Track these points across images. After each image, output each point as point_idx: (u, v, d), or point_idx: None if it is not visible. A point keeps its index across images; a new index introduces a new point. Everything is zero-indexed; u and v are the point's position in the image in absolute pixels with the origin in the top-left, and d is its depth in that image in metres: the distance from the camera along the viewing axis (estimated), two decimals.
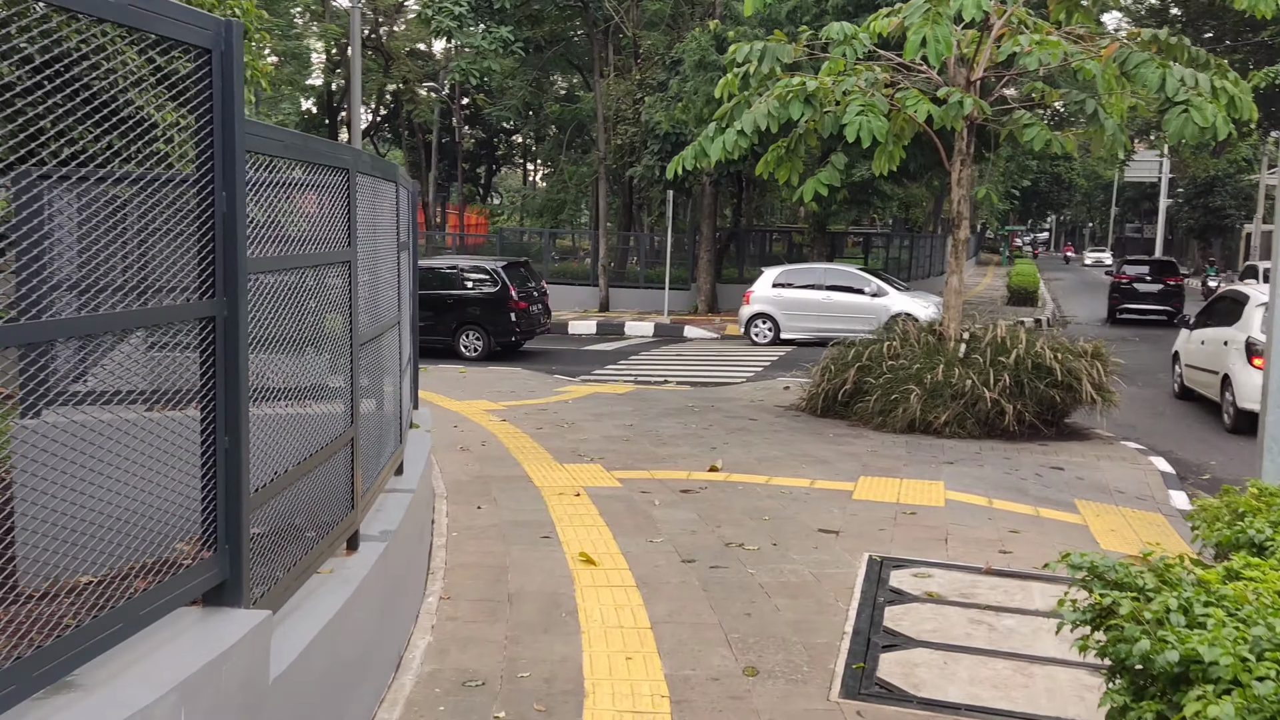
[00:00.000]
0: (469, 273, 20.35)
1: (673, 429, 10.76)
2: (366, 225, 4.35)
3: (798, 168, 12.78)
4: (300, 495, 3.40)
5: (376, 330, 4.52)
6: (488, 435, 10.20)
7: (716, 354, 20.07)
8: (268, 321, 3.08)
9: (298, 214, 3.47)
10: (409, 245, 6.23)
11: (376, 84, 45.61)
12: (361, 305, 4.13)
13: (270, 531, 3.14)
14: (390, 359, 4.94)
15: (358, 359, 3.93)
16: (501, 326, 19.35)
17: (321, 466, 3.57)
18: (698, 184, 28.17)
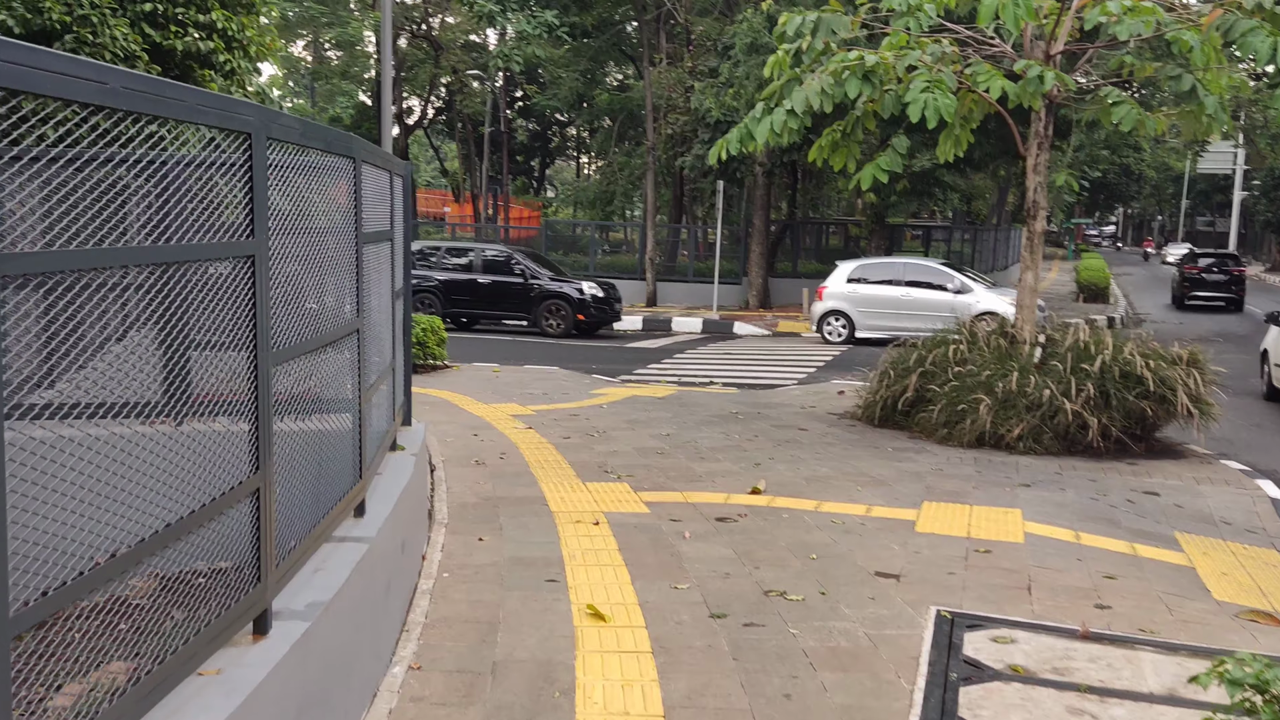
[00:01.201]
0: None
1: (713, 440, 9.74)
2: (297, 211, 3.40)
3: (854, 153, 11.69)
4: (156, 574, 2.45)
5: (315, 340, 3.58)
6: (508, 446, 9.26)
7: (767, 353, 18.98)
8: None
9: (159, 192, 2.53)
10: (394, 236, 5.29)
11: (427, 75, 45.01)
12: (282, 310, 3.18)
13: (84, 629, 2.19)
14: (341, 376, 3.99)
15: (268, 381, 2.98)
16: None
17: (198, 532, 2.63)
18: (750, 174, 27.06)
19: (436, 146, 61.60)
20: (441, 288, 21.86)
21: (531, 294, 21.54)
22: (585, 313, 21.41)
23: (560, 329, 21.29)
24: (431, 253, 22.59)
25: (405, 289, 6.00)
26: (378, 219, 4.89)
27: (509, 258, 22.14)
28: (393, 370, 5.30)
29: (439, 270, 22.08)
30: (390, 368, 5.24)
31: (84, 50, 8.32)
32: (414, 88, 48.99)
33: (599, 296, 21.65)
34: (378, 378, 4.75)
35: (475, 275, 21.91)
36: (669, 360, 17.80)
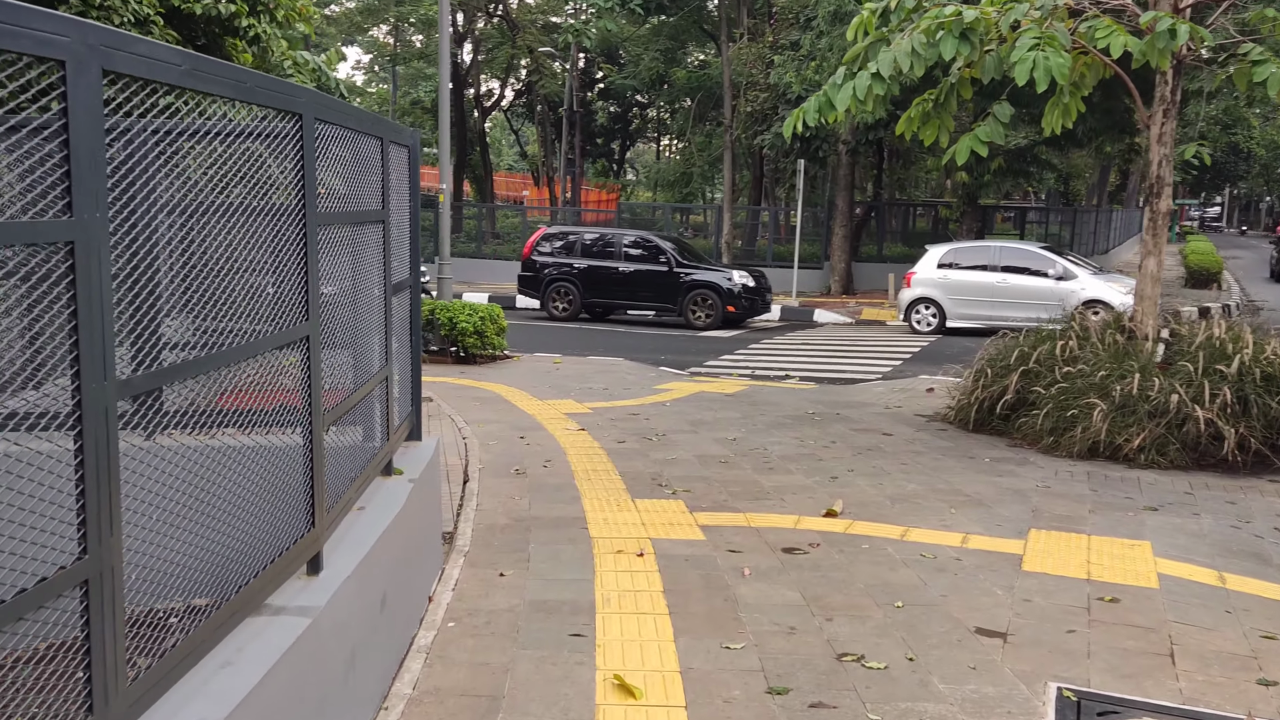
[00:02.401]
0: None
1: (785, 446, 8.68)
2: (180, 182, 2.49)
3: (947, 125, 10.46)
4: None
5: (218, 359, 2.66)
6: (555, 451, 8.34)
7: (849, 343, 17.77)
8: None
9: None
10: (389, 218, 4.37)
11: (505, 56, 44.36)
12: (143, 314, 2.26)
13: None
14: (274, 397, 3.07)
15: (101, 422, 2.06)
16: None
17: None
18: (833, 153, 25.72)
19: (516, 130, 61.13)
20: (580, 276, 20.85)
21: (678, 283, 20.17)
22: (735, 304, 19.91)
23: (708, 321, 19.91)
24: (569, 238, 21.55)
25: (414, 281, 5.08)
26: (359, 196, 3.96)
27: (653, 244, 20.80)
28: (387, 380, 4.38)
29: (577, 257, 21.04)
30: (383, 377, 4.33)
31: (92, 14, 7.59)
32: (494, 70, 48.45)
33: (749, 286, 20.13)
34: (355, 394, 3.83)
35: (617, 263, 20.72)
36: (742, 351, 16.72)
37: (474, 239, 32.90)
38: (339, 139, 3.61)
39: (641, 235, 21.68)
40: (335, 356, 3.69)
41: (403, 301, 4.95)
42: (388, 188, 4.33)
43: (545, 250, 21.42)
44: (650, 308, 20.77)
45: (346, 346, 3.86)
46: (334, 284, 3.61)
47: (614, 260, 20.81)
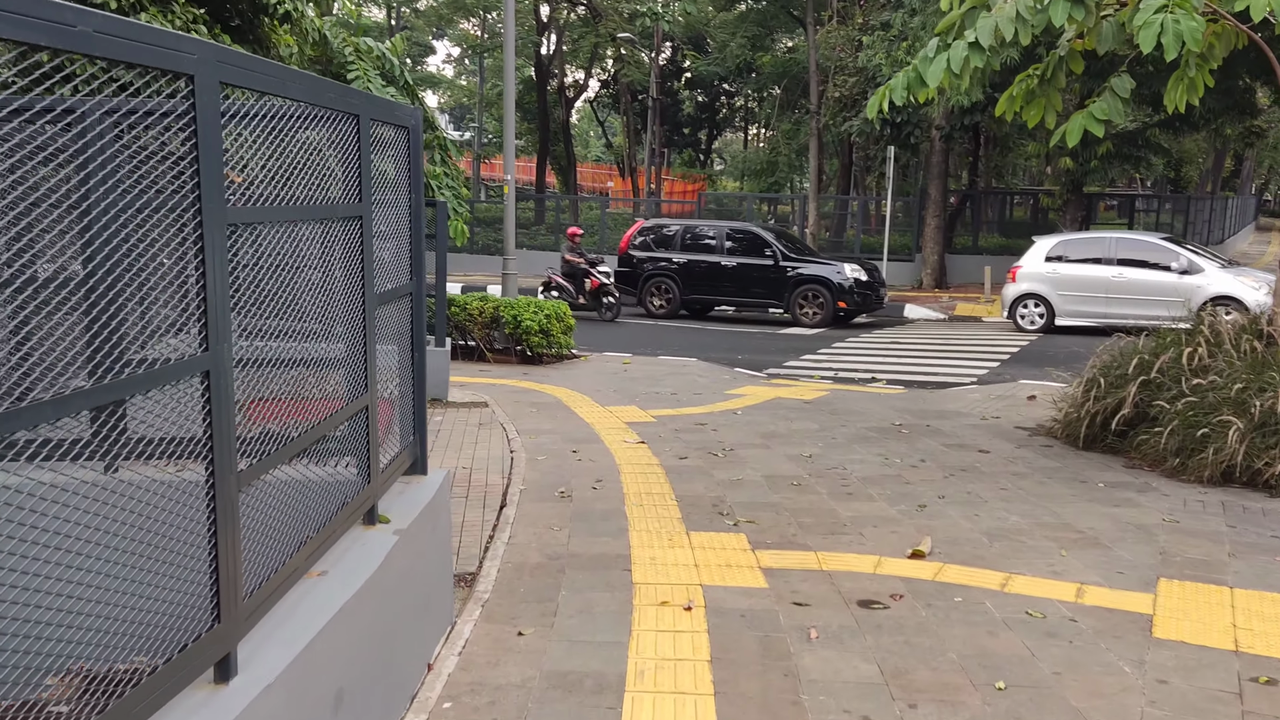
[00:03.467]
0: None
1: (866, 466, 7.73)
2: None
3: (1055, 104, 9.33)
4: None
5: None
6: (609, 469, 7.52)
7: (941, 342, 16.59)
8: None
9: None
10: (366, 215, 3.59)
11: (589, 45, 43.73)
12: None
13: None
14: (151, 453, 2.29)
15: None
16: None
17: None
18: (925, 139, 24.41)
19: (602, 120, 60.54)
20: (680, 271, 19.87)
21: (784, 278, 19.02)
22: (847, 299, 18.75)
23: (817, 318, 18.80)
24: (669, 231, 20.55)
25: (416, 288, 4.30)
26: (318, 190, 3.18)
27: (758, 237, 19.73)
28: (368, 411, 3.61)
29: (676, 251, 20.06)
30: (360, 408, 3.55)
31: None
32: (579, 60, 47.87)
33: (862, 280, 18.94)
34: (308, 434, 3.05)
35: (719, 257, 19.67)
36: (825, 350, 15.69)
37: (553, 231, 32.26)
38: (278, 115, 2.83)
39: (745, 227, 20.51)
40: (277, 388, 2.92)
41: (398, 313, 4.17)
42: (367, 177, 3.54)
43: (642, 244, 20.47)
44: (754, 304, 19.68)
45: (296, 377, 3.09)
46: (272, 297, 2.84)
47: (715, 254, 19.73)
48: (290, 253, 2.94)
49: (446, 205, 10.58)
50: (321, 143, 3.23)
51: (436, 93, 62.36)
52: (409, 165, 4.17)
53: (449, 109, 64.55)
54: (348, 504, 3.45)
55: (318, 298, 3.25)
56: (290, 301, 2.94)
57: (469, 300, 13.60)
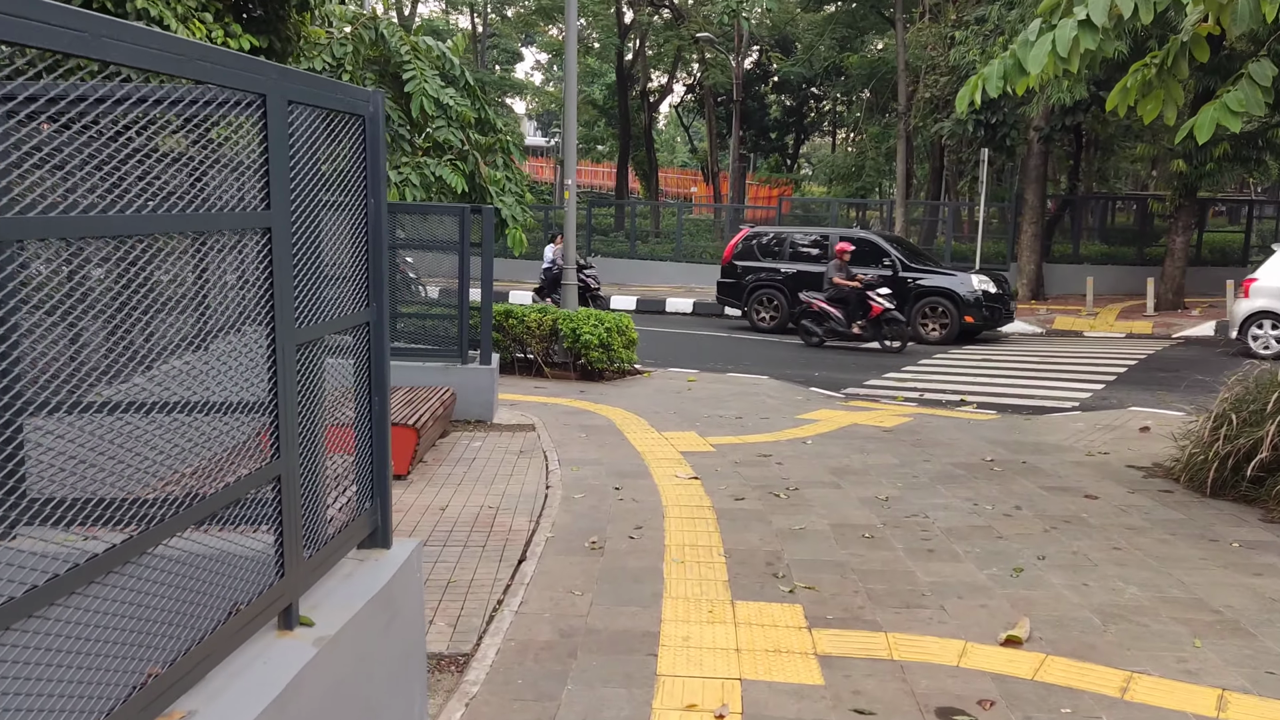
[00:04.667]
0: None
1: (952, 514, 6.67)
2: None
3: (1175, 96, 8.13)
4: None
5: None
6: (652, 511, 6.60)
7: (1038, 359, 15.28)
8: None
9: None
10: (277, 225, 2.73)
11: (672, 48, 42.89)
12: None
13: None
14: None
15: None
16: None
17: None
18: (1022, 141, 22.95)
19: (687, 125, 59.69)
20: (788, 283, 18.55)
21: (904, 290, 17.48)
22: (974, 313, 17.23)
23: (941, 334, 17.32)
24: (776, 240, 19.31)
25: (377, 318, 3.43)
26: (180, 187, 2.34)
27: (875, 245, 18.21)
28: (280, 483, 2.74)
29: (784, 261, 18.82)
30: (270, 478, 2.69)
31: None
32: (663, 65, 47.07)
33: (990, 292, 17.45)
34: (148, 536, 2.19)
35: None
36: (910, 367, 14.52)
37: (630, 238, 31.49)
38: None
39: (860, 234, 19.09)
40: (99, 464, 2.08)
41: (350, 349, 3.32)
42: (280, 175, 2.69)
43: (747, 253, 19.22)
44: None
45: (134, 448, 2.24)
46: (87, 332, 1.99)
47: (827, 263, 18.07)
48: (117, 277, 2.09)
49: (493, 212, 9.78)
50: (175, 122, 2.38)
51: (524, 98, 62.27)
52: (364, 160, 3.32)
53: (537, 115, 64.45)
54: (241, 610, 2.59)
55: (184, 337, 2.40)
56: (121, 337, 2.09)
57: (527, 312, 12.83)
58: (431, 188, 12.58)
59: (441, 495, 6.91)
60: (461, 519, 6.34)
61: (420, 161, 12.60)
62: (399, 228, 9.68)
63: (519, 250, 13.60)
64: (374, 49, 13.36)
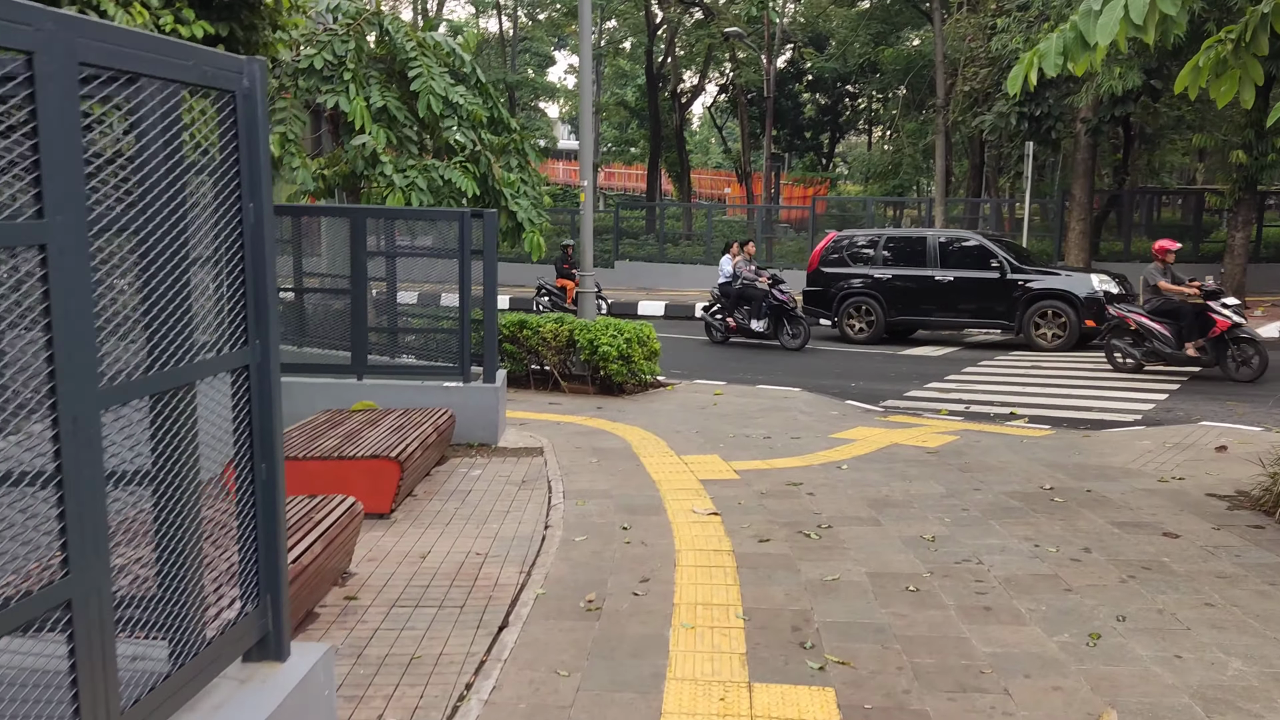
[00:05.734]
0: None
1: (1010, 558, 5.75)
2: None
3: (1255, 75, 7.19)
4: None
5: None
6: (664, 558, 5.75)
7: (1092, 363, 14.23)
8: None
9: None
10: (53, 238, 1.91)
11: (703, 47, 41.98)
12: None
13: None
14: None
15: None
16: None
17: None
18: (1069, 135, 21.86)
19: (720, 126, 58.79)
20: (883, 289, 17.32)
21: (1015, 293, 16.25)
22: (1097, 317, 15.61)
23: (1058, 341, 15.95)
24: (868, 243, 18.03)
25: (260, 359, 2.61)
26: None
27: (980, 246, 16.92)
28: (163, 582, 1.93)
29: (877, 266, 17.51)
30: (62, 603, 1.88)
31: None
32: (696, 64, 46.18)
33: (1113, 294, 15.97)
34: None
35: (930, 271, 17.01)
36: (954, 376, 13.55)
37: (659, 240, 30.64)
38: None
39: (964, 235, 17.91)
40: None
41: (212, 402, 2.50)
42: (64, 171, 1.87)
43: (837, 259, 17.88)
44: (977, 325, 17.02)
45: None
46: None
47: (926, 267, 17.07)
48: None
49: (496, 216, 8.98)
50: None
51: (556, 102, 61.68)
52: (236, 153, 2.50)
53: (570, 118, 63.85)
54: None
55: None
56: None
57: (542, 323, 12.03)
58: (441, 192, 11.82)
59: (425, 539, 6.10)
60: (442, 570, 5.52)
61: (428, 164, 11.83)
62: (380, 235, 8.91)
63: (537, 255, 12.83)
64: (380, 46, 12.65)
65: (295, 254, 9.79)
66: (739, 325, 16.79)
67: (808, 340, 16.39)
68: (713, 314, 17.39)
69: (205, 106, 2.39)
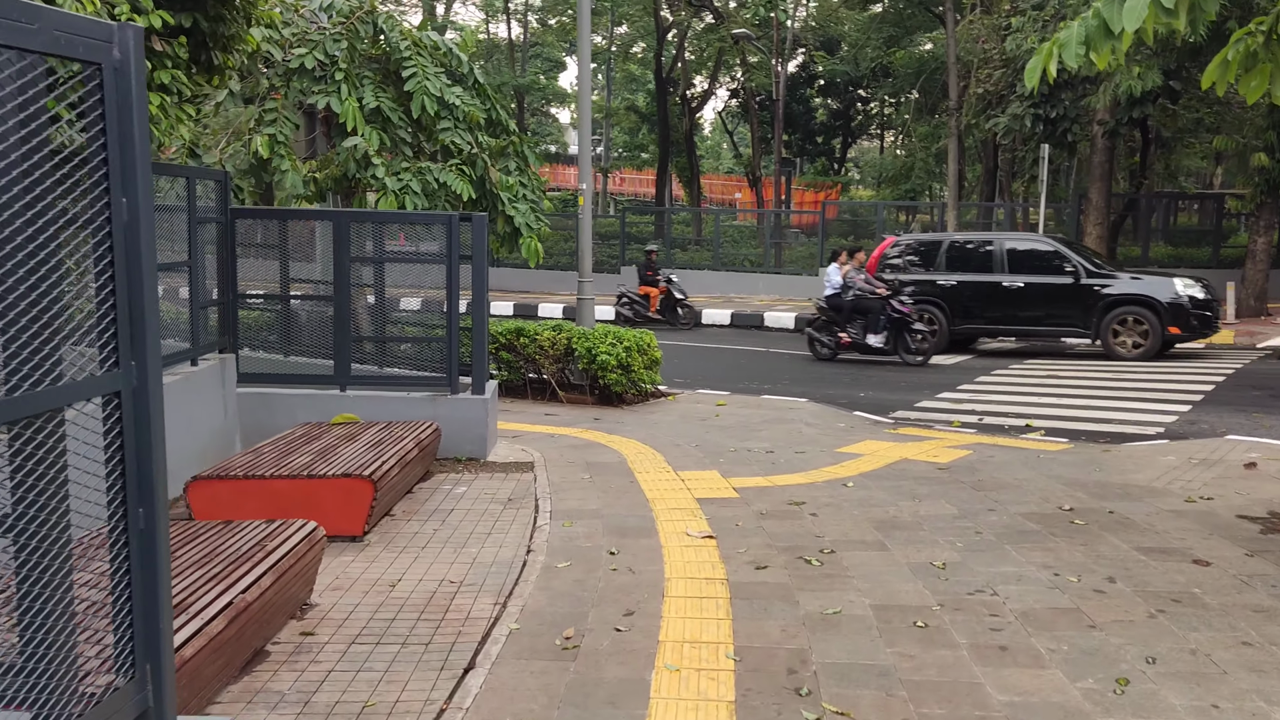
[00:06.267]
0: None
1: (1027, 588, 5.30)
2: None
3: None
4: None
5: None
6: (651, 587, 5.33)
7: (1110, 373, 13.75)
8: None
9: None
10: None
11: (713, 50, 41.56)
12: None
13: None
14: None
15: None
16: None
17: None
18: (1085, 138, 21.36)
19: (731, 131, 58.39)
20: (947, 296, 16.36)
21: (1093, 298, 15.37)
22: (1181, 324, 14.90)
23: (1139, 349, 15.07)
24: (929, 248, 17.11)
25: (134, 381, 2.19)
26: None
27: (1051, 251, 16.01)
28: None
29: (942, 271, 16.57)
30: None
31: None
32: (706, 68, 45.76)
33: (1198, 299, 15.11)
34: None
35: (998, 276, 16.07)
36: (968, 385, 13.09)
37: (666, 245, 30.23)
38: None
39: (1033, 238, 17.02)
40: None
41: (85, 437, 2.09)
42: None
43: (898, 264, 16.94)
44: (1049, 333, 16.23)
45: None
46: None
47: (994, 272, 16.14)
48: None
49: (484, 220, 8.59)
50: None
51: (568, 107, 61.27)
52: (104, 137, 2.09)
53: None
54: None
55: None
56: None
57: (540, 331, 11.63)
58: (436, 195, 11.43)
59: (398, 564, 5.69)
60: (411, 601, 5.11)
61: (422, 167, 11.44)
62: (365, 240, 8.51)
63: (534, 261, 12.45)
64: (374, 46, 12.28)
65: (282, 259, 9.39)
66: (853, 340, 15.38)
67: (933, 354, 15.24)
68: (818, 328, 15.96)
69: (68, 82, 1.99)
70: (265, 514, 5.95)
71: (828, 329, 15.84)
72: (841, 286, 15.70)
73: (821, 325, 15.99)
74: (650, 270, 21.32)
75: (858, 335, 15.38)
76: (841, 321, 15.61)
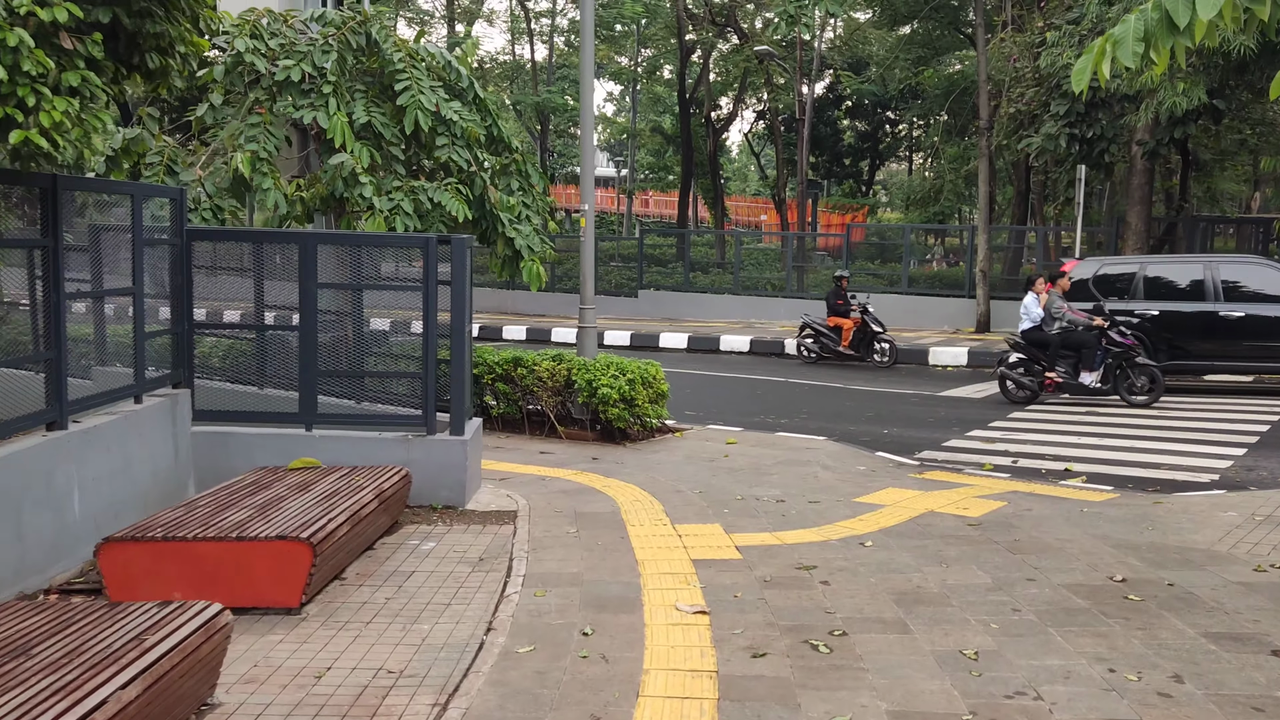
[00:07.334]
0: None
1: (1075, 689, 4.39)
2: None
3: None
4: None
5: None
6: (626, 682, 4.47)
7: (1156, 411, 12.75)
8: None
9: None
10: None
11: (739, 69, 40.87)
12: None
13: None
14: None
15: None
16: None
17: None
18: (1123, 159, 20.38)
19: (758, 153, 57.68)
20: (1150, 328, 14.40)
21: None
22: None
23: None
24: (1125, 274, 15.15)
25: None
26: None
27: (1273, 275, 14.29)
28: None
29: (1140, 299, 14.68)
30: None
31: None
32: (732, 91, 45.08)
33: None
34: None
35: (1213, 305, 14.24)
36: (1000, 422, 12.14)
37: (685, 268, 29.43)
38: None
39: (1253, 263, 15.13)
40: None
41: None
42: None
43: (1080, 293, 14.70)
44: (1272, 369, 14.31)
45: None
46: None
47: (1205, 301, 14.33)
48: None
49: (465, 243, 7.81)
50: None
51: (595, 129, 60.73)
52: None
53: (607, 145, 63.08)
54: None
55: None
56: None
57: (539, 361, 10.84)
58: (430, 216, 10.67)
59: (332, 646, 4.87)
60: (335, 700, 4.28)
61: (416, 186, 10.69)
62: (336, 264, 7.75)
63: (536, 286, 11.65)
64: (369, 58, 11.57)
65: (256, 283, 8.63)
66: (1063, 381, 13.40)
67: (1161, 394, 13.24)
68: (1013, 368, 13.78)
69: None
70: (186, 583, 5.16)
71: (1027, 368, 13.68)
72: (1044, 318, 13.67)
73: (1019, 364, 13.75)
74: (840, 299, 18.81)
75: (1068, 374, 13.40)
76: (1049, 359, 13.50)
